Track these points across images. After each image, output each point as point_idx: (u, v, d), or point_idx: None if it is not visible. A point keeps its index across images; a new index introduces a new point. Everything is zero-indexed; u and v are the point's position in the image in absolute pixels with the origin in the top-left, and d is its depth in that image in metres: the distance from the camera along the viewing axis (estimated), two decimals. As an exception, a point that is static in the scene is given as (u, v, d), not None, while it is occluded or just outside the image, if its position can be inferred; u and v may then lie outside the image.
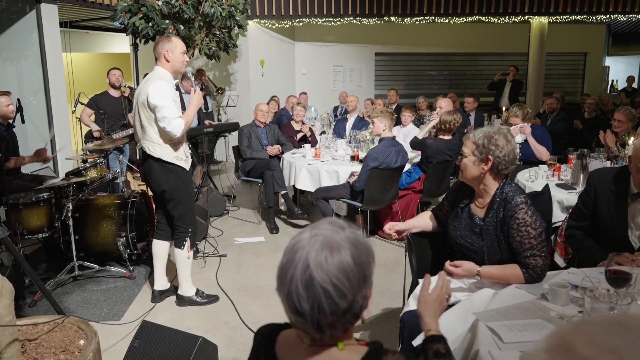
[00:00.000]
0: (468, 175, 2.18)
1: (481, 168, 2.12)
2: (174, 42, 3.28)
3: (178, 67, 3.31)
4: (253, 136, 5.64)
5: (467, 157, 2.16)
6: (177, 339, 2.48)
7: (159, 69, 3.29)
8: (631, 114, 4.58)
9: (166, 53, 3.26)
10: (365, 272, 1.05)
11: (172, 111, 3.14)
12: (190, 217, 3.46)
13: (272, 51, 9.46)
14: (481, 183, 2.17)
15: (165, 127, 3.14)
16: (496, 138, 2.10)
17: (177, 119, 3.16)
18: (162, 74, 3.25)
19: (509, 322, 1.67)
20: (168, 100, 3.13)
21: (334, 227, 1.07)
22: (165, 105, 3.11)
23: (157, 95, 3.11)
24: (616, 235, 2.33)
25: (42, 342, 2.34)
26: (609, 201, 2.37)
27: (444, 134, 4.89)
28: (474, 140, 2.14)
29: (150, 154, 3.29)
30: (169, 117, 3.12)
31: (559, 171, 4.09)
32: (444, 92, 9.77)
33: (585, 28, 10.79)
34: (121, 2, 6.54)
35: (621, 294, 1.67)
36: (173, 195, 3.36)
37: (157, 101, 3.11)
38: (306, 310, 1.01)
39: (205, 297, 3.60)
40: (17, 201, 3.71)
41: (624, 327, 0.69)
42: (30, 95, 5.96)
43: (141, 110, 3.24)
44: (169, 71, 3.29)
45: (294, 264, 1.03)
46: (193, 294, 3.56)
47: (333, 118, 7.95)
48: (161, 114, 3.13)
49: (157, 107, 3.12)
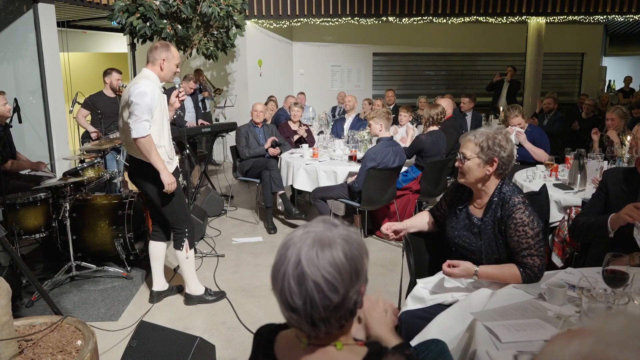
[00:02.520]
0: (472, 178, 2.13)
1: (486, 170, 2.10)
2: (172, 52, 3.27)
3: (168, 77, 3.31)
4: (251, 136, 5.64)
5: (471, 160, 2.10)
6: (174, 339, 2.47)
7: (148, 71, 3.26)
8: (622, 112, 4.65)
9: (162, 62, 3.24)
10: (357, 266, 1.06)
11: (143, 111, 3.07)
12: (183, 217, 3.44)
13: (269, 51, 9.46)
14: (482, 184, 2.15)
15: (130, 124, 3.07)
16: (499, 139, 2.09)
17: (145, 122, 3.08)
18: (148, 76, 3.23)
19: (506, 322, 1.67)
20: (145, 100, 3.07)
21: (326, 225, 1.08)
22: (139, 103, 3.06)
23: (136, 92, 3.08)
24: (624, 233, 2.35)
25: (40, 342, 2.33)
26: (619, 200, 2.40)
27: (433, 125, 5.01)
28: (476, 142, 2.10)
29: (132, 154, 3.28)
30: (138, 116, 3.06)
31: (556, 171, 4.10)
32: (442, 92, 9.79)
33: (582, 28, 10.82)
34: (119, 2, 6.53)
35: (618, 294, 1.68)
36: (161, 198, 3.33)
37: (134, 98, 3.07)
38: (299, 305, 1.02)
39: (214, 294, 3.62)
40: (15, 201, 3.70)
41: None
42: (28, 95, 5.95)
43: (124, 110, 3.22)
44: (157, 76, 3.27)
45: (286, 261, 1.04)
46: (202, 292, 3.57)
47: (331, 118, 7.96)
48: (132, 109, 3.07)
49: (132, 103, 3.07)
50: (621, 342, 0.66)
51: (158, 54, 3.24)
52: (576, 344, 0.68)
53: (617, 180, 2.47)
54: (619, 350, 0.65)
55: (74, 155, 5.49)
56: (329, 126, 7.03)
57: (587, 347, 0.67)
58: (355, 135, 5.50)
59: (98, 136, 5.47)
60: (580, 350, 0.67)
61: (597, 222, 2.40)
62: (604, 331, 0.69)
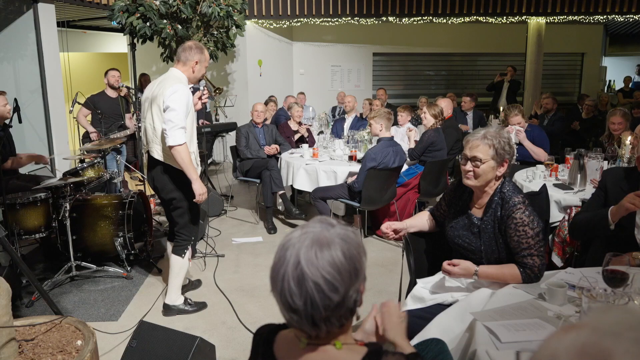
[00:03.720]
0: (483, 181, 2.10)
1: (497, 172, 2.10)
2: (206, 56, 3.19)
3: (196, 80, 3.24)
4: (251, 136, 5.64)
5: (485, 163, 2.07)
6: (174, 339, 2.47)
7: (177, 72, 3.16)
8: (626, 114, 4.63)
9: (195, 64, 3.16)
10: (356, 265, 1.06)
11: (180, 118, 3.00)
12: (194, 225, 3.39)
13: (269, 51, 9.46)
14: (486, 185, 2.14)
15: (166, 131, 2.99)
16: (508, 138, 2.10)
17: (182, 129, 3.01)
18: (180, 77, 3.13)
19: (506, 322, 1.67)
20: (182, 106, 3.01)
21: (323, 225, 1.09)
22: (176, 109, 2.99)
23: (174, 97, 2.99)
24: (624, 233, 2.35)
25: (40, 342, 2.33)
26: (619, 199, 2.40)
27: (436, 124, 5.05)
28: (489, 144, 2.06)
29: (158, 158, 3.18)
30: (175, 123, 2.99)
31: (556, 171, 4.10)
32: (442, 92, 9.79)
33: (582, 28, 10.82)
34: (118, 2, 6.53)
35: (618, 294, 1.68)
36: (181, 203, 3.26)
37: (171, 103, 2.99)
38: (299, 306, 1.02)
39: (194, 304, 3.49)
40: (15, 201, 3.70)
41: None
42: (28, 95, 5.95)
43: (155, 112, 3.12)
44: (187, 76, 3.19)
45: (285, 262, 1.04)
46: (181, 302, 3.44)
47: (331, 118, 7.96)
48: (169, 116, 2.99)
49: (169, 109, 2.99)
50: (616, 333, 0.66)
51: (192, 55, 3.15)
52: (572, 336, 0.69)
53: (617, 179, 2.48)
54: (614, 340, 0.65)
55: (74, 155, 5.49)
56: (329, 126, 7.03)
57: (582, 338, 0.68)
58: (355, 135, 5.50)
59: (98, 137, 5.47)
60: (575, 341, 0.68)
61: (597, 216, 2.40)
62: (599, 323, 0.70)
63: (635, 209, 2.18)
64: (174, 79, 3.11)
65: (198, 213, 3.43)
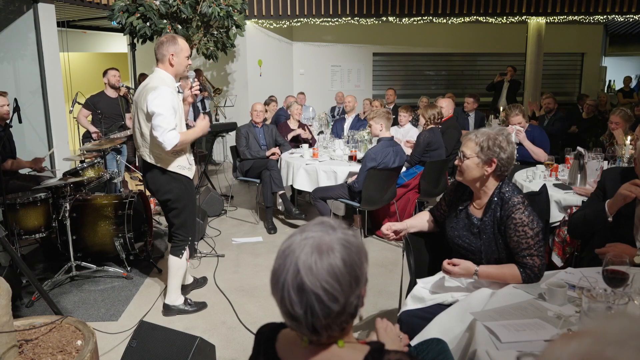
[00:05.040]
0: (469, 177, 2.15)
1: (484, 170, 2.10)
2: (180, 44, 3.08)
3: (181, 71, 3.15)
4: (251, 136, 5.64)
5: (470, 159, 2.11)
6: (174, 339, 2.47)
7: (161, 71, 3.10)
8: (627, 114, 4.62)
9: (171, 57, 3.06)
10: (357, 272, 1.05)
11: (169, 121, 2.94)
12: (191, 225, 3.38)
13: (269, 51, 9.47)
14: (481, 184, 2.15)
15: (158, 137, 2.94)
16: (500, 140, 2.09)
17: (173, 131, 2.96)
18: (163, 78, 3.07)
19: (506, 322, 1.67)
20: (167, 108, 2.94)
21: (324, 228, 1.07)
22: (162, 113, 2.92)
23: (157, 102, 2.93)
24: (622, 233, 2.35)
25: (40, 342, 2.33)
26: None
27: (434, 124, 5.05)
28: (477, 141, 2.10)
29: (150, 162, 3.16)
30: (164, 128, 2.93)
31: (556, 171, 4.10)
32: (442, 92, 9.78)
33: (582, 28, 10.82)
34: (118, 2, 6.53)
35: (618, 294, 1.67)
36: (177, 204, 3.25)
37: (156, 108, 2.93)
38: (300, 314, 1.02)
39: (194, 304, 3.48)
40: (15, 201, 3.70)
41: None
42: (28, 95, 5.95)
43: (141, 116, 3.09)
44: (171, 74, 3.11)
45: (285, 270, 1.03)
46: (181, 302, 3.44)
47: (331, 118, 7.96)
48: (157, 122, 2.93)
49: (155, 114, 2.93)
50: (619, 342, 0.66)
51: (166, 50, 3.06)
52: (575, 344, 0.69)
53: (616, 179, 2.48)
54: (617, 349, 0.65)
55: (74, 155, 5.49)
56: (329, 126, 7.03)
57: (586, 347, 0.67)
58: (355, 135, 5.50)
59: (98, 136, 5.47)
60: (578, 350, 0.68)
61: (594, 210, 2.43)
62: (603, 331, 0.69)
63: (632, 195, 2.20)
64: (157, 80, 3.05)
65: (194, 213, 3.42)
